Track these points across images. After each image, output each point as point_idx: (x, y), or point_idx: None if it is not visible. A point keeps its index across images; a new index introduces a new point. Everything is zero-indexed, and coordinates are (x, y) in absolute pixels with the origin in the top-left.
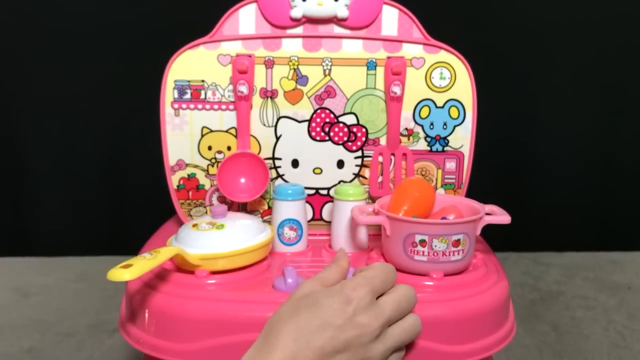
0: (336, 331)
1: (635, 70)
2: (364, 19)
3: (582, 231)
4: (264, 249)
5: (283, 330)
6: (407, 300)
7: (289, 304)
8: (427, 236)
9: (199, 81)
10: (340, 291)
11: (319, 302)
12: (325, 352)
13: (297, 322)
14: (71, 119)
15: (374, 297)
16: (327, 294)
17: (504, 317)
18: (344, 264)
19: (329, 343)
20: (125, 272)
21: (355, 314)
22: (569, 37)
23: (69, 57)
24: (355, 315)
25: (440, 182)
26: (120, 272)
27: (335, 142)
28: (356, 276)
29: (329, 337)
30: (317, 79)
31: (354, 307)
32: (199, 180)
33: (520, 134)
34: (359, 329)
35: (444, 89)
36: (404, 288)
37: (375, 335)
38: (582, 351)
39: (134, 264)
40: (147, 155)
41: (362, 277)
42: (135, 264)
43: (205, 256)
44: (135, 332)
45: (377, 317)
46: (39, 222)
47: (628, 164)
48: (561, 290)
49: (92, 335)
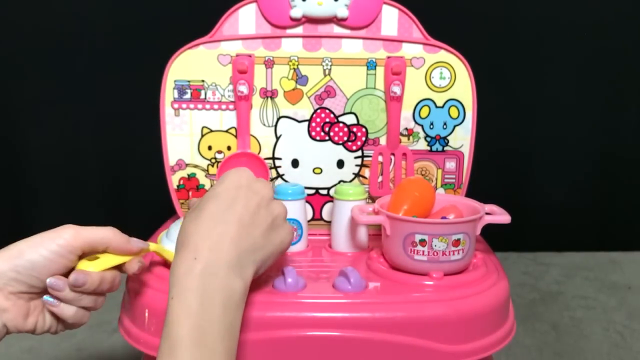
0: (245, 201)
1: (635, 71)
2: (364, 18)
3: (582, 231)
4: None
5: (199, 225)
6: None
7: (188, 214)
8: (427, 236)
9: (199, 81)
10: (226, 176)
11: (215, 191)
12: (244, 221)
13: (207, 212)
14: (71, 119)
15: None
16: (218, 184)
17: (504, 317)
18: None
19: (244, 212)
20: (90, 264)
21: (249, 183)
22: (569, 37)
23: (69, 58)
24: (250, 184)
25: (440, 182)
26: (85, 264)
27: (335, 142)
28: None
29: (242, 207)
30: (317, 79)
31: (246, 178)
32: (199, 180)
33: (520, 133)
34: (260, 192)
35: (443, 88)
36: None
37: (271, 197)
38: (582, 351)
39: (101, 257)
40: (147, 155)
41: (229, 171)
42: (101, 257)
43: None
44: (135, 332)
45: (266, 184)
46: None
47: (628, 164)
48: (561, 290)
49: (92, 335)
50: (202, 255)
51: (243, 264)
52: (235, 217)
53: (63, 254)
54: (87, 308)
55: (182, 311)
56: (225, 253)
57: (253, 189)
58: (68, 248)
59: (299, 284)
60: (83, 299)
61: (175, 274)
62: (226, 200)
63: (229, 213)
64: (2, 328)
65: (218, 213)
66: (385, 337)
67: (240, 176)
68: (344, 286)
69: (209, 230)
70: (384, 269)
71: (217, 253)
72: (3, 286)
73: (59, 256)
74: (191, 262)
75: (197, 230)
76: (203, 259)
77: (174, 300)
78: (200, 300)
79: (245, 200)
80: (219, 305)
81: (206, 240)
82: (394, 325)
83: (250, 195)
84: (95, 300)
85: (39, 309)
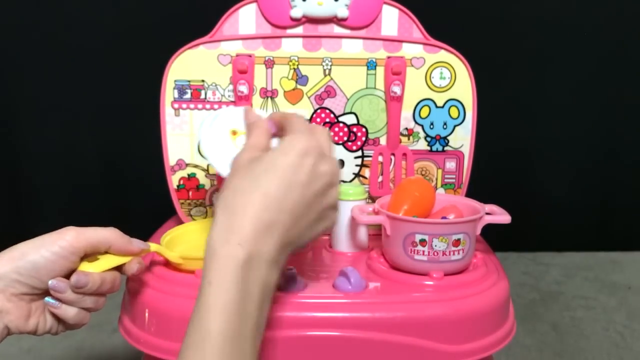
0: (304, 187)
1: (636, 71)
2: (364, 18)
3: (582, 231)
4: None
5: (248, 203)
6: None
7: (239, 175)
8: (427, 236)
9: (199, 81)
10: (292, 146)
11: (275, 163)
12: (298, 210)
13: (261, 191)
14: (71, 119)
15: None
16: (280, 153)
17: (504, 317)
18: (262, 123)
19: (301, 200)
20: (90, 265)
21: (315, 163)
22: (569, 37)
23: (69, 58)
24: (316, 165)
25: (440, 182)
26: (86, 265)
27: (335, 141)
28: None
29: (299, 195)
30: (317, 79)
31: (313, 157)
32: (199, 180)
33: (520, 133)
34: (322, 179)
35: (444, 88)
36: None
37: (333, 180)
38: (582, 351)
39: (101, 259)
40: (147, 155)
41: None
42: (102, 258)
43: (186, 256)
44: (135, 332)
45: (332, 161)
46: (39, 223)
47: (628, 164)
48: (561, 290)
49: (92, 335)
50: (248, 243)
51: (282, 255)
52: (289, 206)
53: (65, 255)
54: (88, 309)
55: (218, 302)
56: (270, 245)
57: (317, 172)
58: (70, 249)
59: (299, 284)
60: (84, 300)
61: (216, 252)
62: (285, 182)
63: (285, 200)
64: (3, 329)
65: (273, 196)
66: (385, 337)
67: (308, 151)
68: (344, 286)
69: (258, 215)
70: (384, 269)
71: (263, 244)
72: (5, 288)
73: (60, 257)
74: (235, 248)
75: (246, 210)
76: (248, 247)
77: (212, 286)
78: (241, 295)
79: (305, 187)
80: (256, 300)
81: (255, 225)
82: (394, 325)
83: (311, 181)
84: (96, 301)
85: (40, 310)
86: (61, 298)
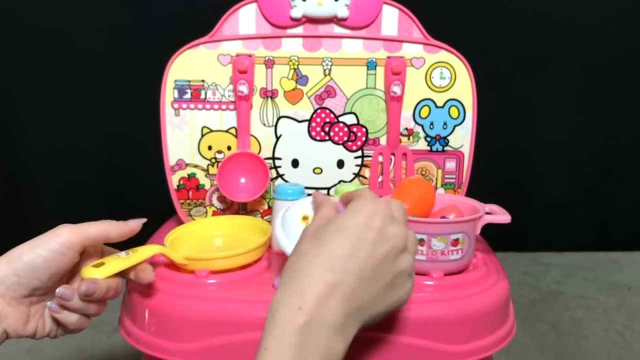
0: (372, 248)
1: (636, 71)
2: (364, 18)
3: (582, 231)
4: (255, 252)
5: (313, 264)
6: (403, 206)
7: (306, 240)
8: (425, 235)
9: (199, 81)
10: (361, 207)
11: (343, 225)
12: (365, 273)
13: (327, 252)
14: (71, 119)
15: None
16: (349, 215)
17: (504, 317)
18: (330, 201)
19: (368, 262)
20: (96, 271)
21: (384, 225)
22: (569, 37)
23: (69, 58)
24: (385, 226)
25: (440, 182)
26: (92, 271)
27: (335, 142)
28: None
29: (366, 256)
30: (317, 79)
31: (381, 218)
32: (199, 180)
33: (520, 133)
34: (391, 241)
35: (444, 88)
36: (396, 201)
37: (405, 244)
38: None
39: (107, 263)
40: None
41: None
42: (107, 263)
43: (190, 257)
44: (135, 332)
45: (402, 225)
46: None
47: (628, 164)
48: (561, 290)
49: (92, 335)
50: (309, 306)
51: (349, 322)
52: (356, 267)
53: (62, 251)
54: (89, 315)
55: None
56: (334, 309)
57: (385, 234)
58: (67, 245)
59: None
60: (88, 307)
61: (274, 317)
62: (352, 242)
63: (351, 260)
64: (2, 334)
65: (339, 257)
66: (385, 337)
67: (376, 212)
68: None
69: (323, 276)
70: None
71: (326, 308)
72: (5, 292)
73: (58, 254)
74: (295, 312)
75: (310, 272)
76: (308, 311)
77: (267, 352)
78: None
79: (372, 247)
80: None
81: (318, 288)
82: (394, 325)
83: (380, 242)
84: (98, 307)
85: (39, 314)
86: (67, 306)
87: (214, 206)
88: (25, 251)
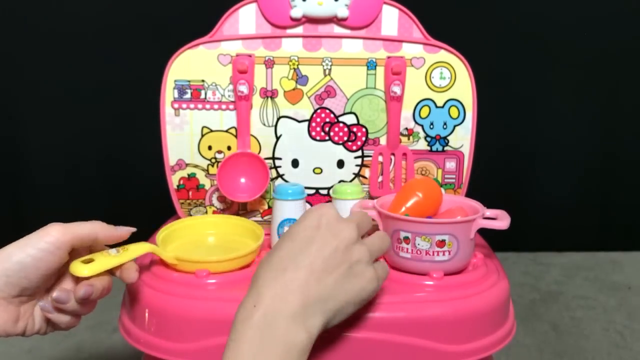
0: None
1: (635, 71)
2: (364, 18)
3: (582, 231)
4: (247, 257)
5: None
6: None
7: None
8: (410, 234)
9: (199, 81)
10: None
11: (291, 230)
12: (316, 266)
13: (277, 255)
14: (71, 119)
15: None
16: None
17: (504, 317)
18: None
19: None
20: (85, 267)
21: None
22: (569, 37)
23: (69, 58)
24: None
25: (441, 182)
26: (80, 267)
27: (335, 142)
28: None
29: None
30: (317, 79)
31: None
32: (199, 180)
33: (520, 133)
34: (339, 235)
35: (444, 88)
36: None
37: (354, 238)
38: (582, 351)
39: (96, 260)
40: (147, 155)
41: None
42: (97, 260)
43: (181, 257)
44: (135, 332)
45: (349, 223)
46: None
47: (628, 164)
48: (561, 290)
49: (92, 335)
50: (263, 302)
51: (309, 314)
52: (306, 262)
53: (52, 250)
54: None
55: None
56: (289, 302)
57: (333, 231)
58: (56, 244)
59: None
60: (82, 308)
61: (236, 318)
62: (301, 242)
63: (301, 257)
64: None
65: (289, 256)
66: (385, 337)
67: (322, 215)
68: None
69: (275, 276)
70: None
71: (280, 302)
72: None
73: (48, 253)
74: (250, 310)
75: (263, 275)
76: (263, 307)
77: (229, 346)
78: (254, 352)
79: (321, 243)
80: (275, 358)
81: (271, 286)
82: (394, 325)
83: (327, 238)
84: (90, 307)
85: (29, 312)
86: (64, 308)
87: (214, 206)
88: (14, 250)
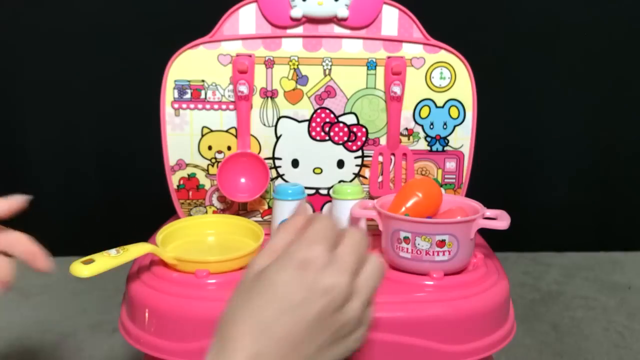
0: (301, 308)
1: (635, 71)
2: (364, 18)
3: (582, 231)
4: (247, 257)
5: (239, 329)
6: (362, 242)
7: (241, 289)
8: (410, 234)
9: (199, 81)
10: (290, 259)
11: (271, 281)
12: (295, 337)
13: (252, 315)
14: (71, 119)
15: (329, 251)
16: (277, 269)
17: (504, 317)
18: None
19: (298, 324)
20: (85, 268)
21: (316, 279)
22: (569, 37)
23: (70, 57)
24: (317, 280)
25: (441, 182)
26: (80, 267)
27: (335, 142)
28: (302, 236)
29: (297, 319)
30: (317, 79)
31: (313, 271)
32: (199, 180)
33: (520, 133)
34: (327, 295)
35: (444, 88)
36: (354, 231)
37: (347, 294)
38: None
39: (96, 260)
40: (147, 155)
41: (309, 235)
42: (97, 260)
43: (180, 258)
44: (135, 332)
45: (342, 272)
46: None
47: (628, 164)
48: (561, 290)
49: (92, 335)
50: None
51: None
52: (283, 333)
53: None
54: None
55: None
56: None
57: (319, 289)
58: None
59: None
60: None
61: None
62: (279, 303)
63: (278, 325)
64: None
65: (265, 322)
66: (385, 337)
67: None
68: None
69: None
70: None
71: None
72: None
73: None
74: None
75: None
76: None
77: None
78: None
79: (303, 307)
80: None
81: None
82: (394, 325)
83: (312, 298)
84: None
85: None
86: None
87: (214, 206)
88: None
